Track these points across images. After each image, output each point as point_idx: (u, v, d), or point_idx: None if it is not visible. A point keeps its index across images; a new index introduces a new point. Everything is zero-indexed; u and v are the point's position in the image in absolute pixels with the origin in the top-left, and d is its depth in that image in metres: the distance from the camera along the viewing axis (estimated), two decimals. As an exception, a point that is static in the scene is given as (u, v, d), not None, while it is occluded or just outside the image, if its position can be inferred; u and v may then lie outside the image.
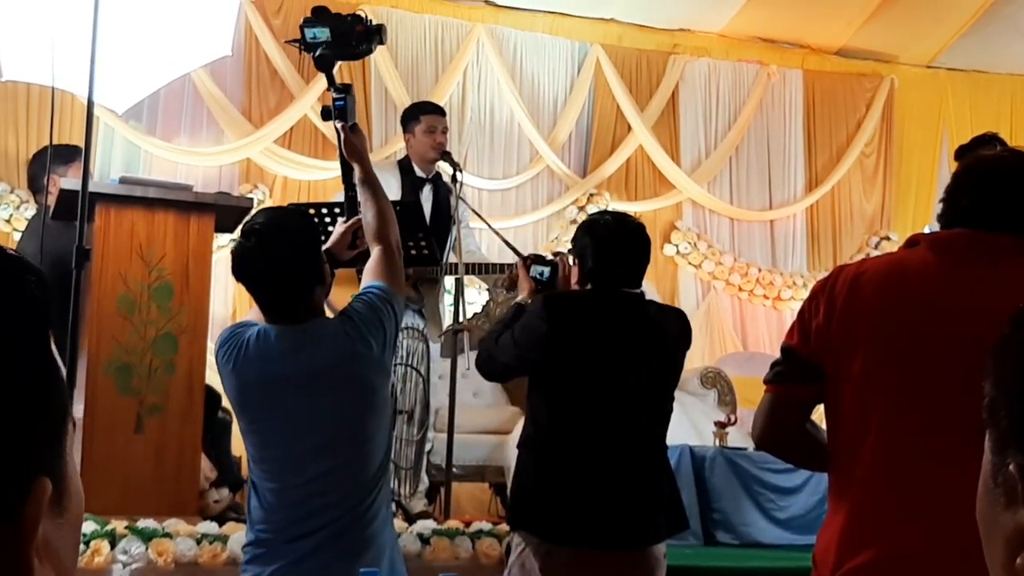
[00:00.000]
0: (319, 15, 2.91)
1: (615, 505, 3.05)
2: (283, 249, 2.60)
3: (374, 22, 2.94)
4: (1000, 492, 0.76)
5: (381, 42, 2.96)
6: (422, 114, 5.31)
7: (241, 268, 2.63)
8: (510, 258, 4.78)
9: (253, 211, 4.01)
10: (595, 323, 3.11)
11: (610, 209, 6.51)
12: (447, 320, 5.02)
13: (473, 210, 5.48)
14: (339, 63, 3.05)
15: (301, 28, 2.91)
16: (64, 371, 0.71)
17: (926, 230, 3.66)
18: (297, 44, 2.94)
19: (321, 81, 6.80)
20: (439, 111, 5.44)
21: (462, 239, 5.23)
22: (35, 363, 0.66)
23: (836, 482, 2.11)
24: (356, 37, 2.92)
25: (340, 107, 2.91)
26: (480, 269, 5.16)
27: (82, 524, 0.72)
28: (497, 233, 5.17)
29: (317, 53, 2.92)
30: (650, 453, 3.14)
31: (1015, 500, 0.75)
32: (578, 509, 3.03)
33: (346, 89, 2.93)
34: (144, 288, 4.15)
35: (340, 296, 5.06)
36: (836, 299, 2.06)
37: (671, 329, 3.23)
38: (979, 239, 2.02)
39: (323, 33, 2.88)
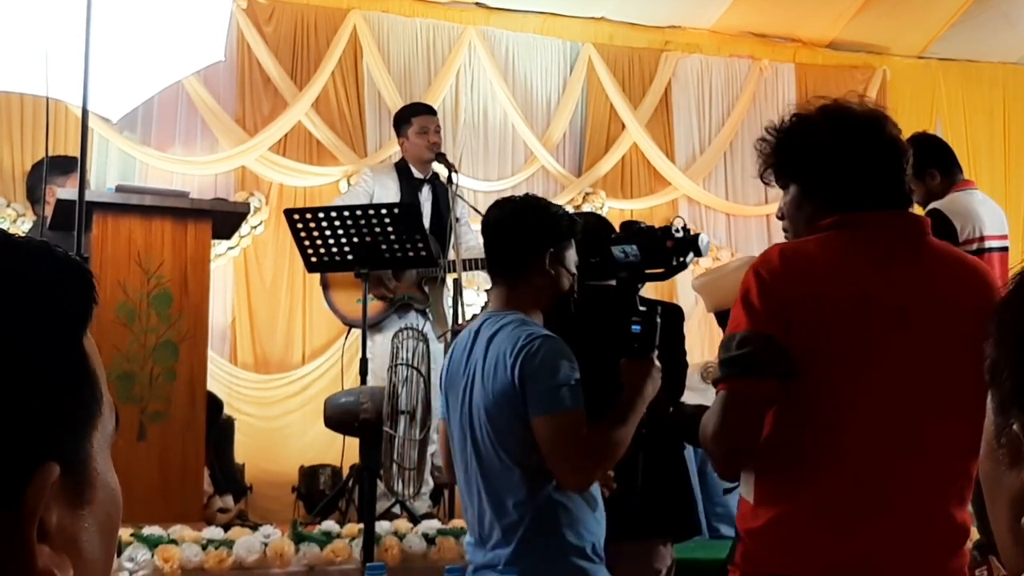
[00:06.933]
0: (628, 230, 2.66)
1: None
2: (517, 221, 2.77)
3: (687, 233, 2.62)
4: (1004, 452, 0.76)
5: (698, 254, 2.64)
6: (413, 116, 5.37)
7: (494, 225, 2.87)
8: None
9: (248, 216, 3.98)
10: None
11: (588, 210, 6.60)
12: (451, 319, 5.03)
13: (472, 207, 5.50)
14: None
15: (607, 247, 2.64)
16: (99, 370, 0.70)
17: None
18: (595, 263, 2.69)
19: (315, 86, 6.84)
20: (429, 111, 5.48)
21: (462, 236, 5.26)
22: (54, 349, 0.66)
23: (783, 481, 2.02)
24: (667, 252, 2.61)
25: (642, 334, 2.55)
26: (484, 264, 5.20)
27: (116, 525, 0.71)
28: None
29: (619, 276, 2.65)
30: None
31: (1019, 460, 0.75)
32: None
33: (649, 315, 2.57)
34: (143, 296, 4.16)
35: (344, 299, 5.09)
36: (785, 295, 2.00)
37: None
38: (900, 219, 2.09)
39: (632, 250, 2.61)
